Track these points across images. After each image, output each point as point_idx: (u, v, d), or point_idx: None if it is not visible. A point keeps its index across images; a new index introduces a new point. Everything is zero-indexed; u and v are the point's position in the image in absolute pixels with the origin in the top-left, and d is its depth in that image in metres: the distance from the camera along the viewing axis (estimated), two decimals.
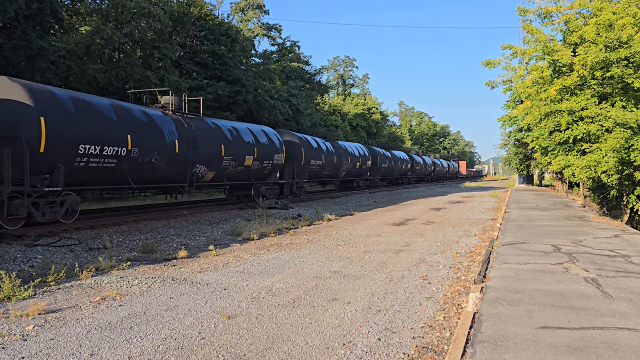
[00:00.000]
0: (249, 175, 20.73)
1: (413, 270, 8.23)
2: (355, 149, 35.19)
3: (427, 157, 66.12)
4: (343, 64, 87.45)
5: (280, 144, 23.00)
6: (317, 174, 28.49)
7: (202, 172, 17.37)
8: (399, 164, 47.22)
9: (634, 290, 6.20)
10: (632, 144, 13.54)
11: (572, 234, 11.49)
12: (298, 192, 25.48)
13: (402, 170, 49.06)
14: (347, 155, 32.72)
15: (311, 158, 26.70)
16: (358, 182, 36.57)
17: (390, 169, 43.97)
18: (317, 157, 27.53)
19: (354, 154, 34.31)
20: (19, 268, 8.49)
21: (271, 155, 21.88)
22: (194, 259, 9.46)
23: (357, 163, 34.49)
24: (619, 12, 13.89)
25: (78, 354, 4.56)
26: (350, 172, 33.82)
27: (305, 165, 25.92)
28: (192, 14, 35.10)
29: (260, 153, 20.84)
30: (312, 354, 4.56)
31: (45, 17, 21.88)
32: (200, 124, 17.70)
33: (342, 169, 31.96)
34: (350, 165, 33.17)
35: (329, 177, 31.39)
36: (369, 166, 37.34)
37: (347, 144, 34.52)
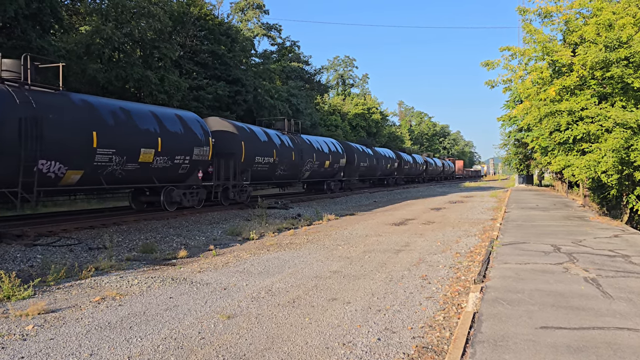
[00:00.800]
0: (151, 176, 15.41)
1: (413, 270, 8.23)
2: (324, 144, 29.63)
3: (418, 155, 62.07)
4: (343, 63, 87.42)
5: (204, 135, 17.55)
6: (266, 174, 22.68)
7: (55, 171, 12.25)
8: (383, 162, 42.05)
9: (634, 290, 6.19)
10: (631, 144, 13.54)
11: (572, 234, 11.49)
12: (238, 197, 20.30)
13: (388, 169, 44.25)
14: (311, 151, 26.82)
15: (257, 154, 21.25)
16: (329, 183, 30.83)
17: (371, 169, 38.79)
18: (265, 152, 21.97)
19: (321, 150, 28.48)
20: (19, 268, 8.48)
21: (189, 149, 16.58)
22: (194, 258, 9.46)
23: (326, 161, 28.85)
24: (619, 12, 13.88)
25: (78, 354, 4.55)
26: (317, 172, 28.28)
27: (247, 163, 20.57)
28: (192, 13, 35.07)
29: (169, 145, 15.61)
30: (312, 354, 4.55)
31: (45, 16, 21.88)
32: (55, 100, 12.54)
33: (303, 168, 26.20)
34: (317, 164, 27.52)
35: (285, 178, 25.06)
36: (343, 165, 31.97)
37: (314, 138, 28.82)
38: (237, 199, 20.12)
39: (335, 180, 31.81)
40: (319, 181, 30.34)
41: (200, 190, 17.98)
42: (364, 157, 37.05)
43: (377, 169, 40.65)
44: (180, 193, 17.05)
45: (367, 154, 37.98)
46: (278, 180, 24.65)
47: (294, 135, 26.04)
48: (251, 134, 21.37)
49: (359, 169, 35.60)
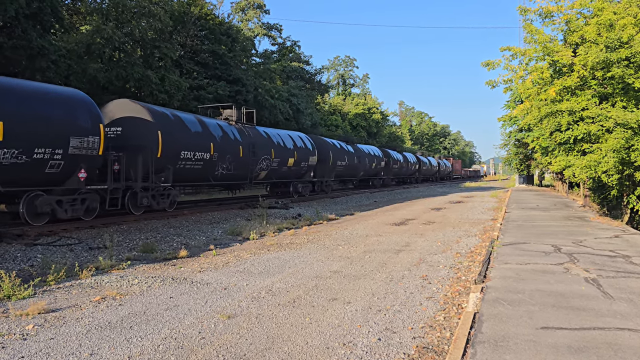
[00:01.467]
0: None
1: (413, 270, 8.22)
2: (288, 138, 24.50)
3: (409, 153, 57.04)
4: (343, 63, 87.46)
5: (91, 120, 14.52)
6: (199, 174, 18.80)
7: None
8: (367, 161, 37.10)
9: (634, 291, 6.19)
10: (632, 144, 13.53)
11: (572, 234, 11.48)
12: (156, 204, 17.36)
13: (373, 169, 39.18)
14: (269, 146, 22.06)
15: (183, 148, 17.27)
16: (295, 185, 25.57)
17: (351, 168, 33.80)
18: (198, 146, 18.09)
19: (283, 145, 23.48)
20: (19, 267, 8.49)
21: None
22: (194, 258, 9.46)
23: (289, 159, 24.13)
24: (620, 12, 13.87)
25: (78, 354, 4.55)
26: (277, 172, 23.15)
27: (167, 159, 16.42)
28: (193, 13, 35.08)
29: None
30: (312, 354, 4.55)
31: (45, 16, 21.88)
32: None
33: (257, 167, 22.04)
34: (277, 162, 22.76)
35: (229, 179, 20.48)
36: (314, 164, 27.00)
37: (274, 132, 23.95)
38: (155, 206, 15.64)
39: (304, 182, 26.47)
40: (281, 183, 25.00)
41: (88, 196, 13.11)
42: (342, 154, 32.04)
43: (358, 169, 35.58)
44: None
45: (346, 152, 32.93)
46: (219, 181, 19.51)
47: (245, 126, 21.14)
48: (175, 122, 16.48)
49: (335, 168, 30.49)
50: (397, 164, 47.20)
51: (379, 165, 40.69)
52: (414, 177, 56.54)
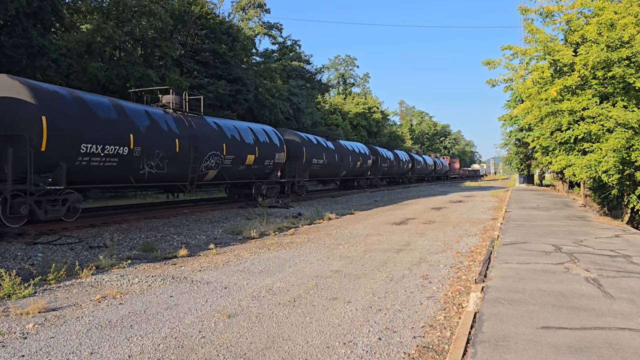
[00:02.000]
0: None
1: (414, 270, 8.22)
2: (248, 132, 20.54)
3: (402, 152, 53.08)
4: (344, 63, 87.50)
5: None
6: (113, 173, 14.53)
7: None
8: (350, 160, 33.13)
9: (635, 291, 6.18)
10: (632, 143, 13.53)
11: (573, 234, 11.48)
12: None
13: (358, 168, 35.39)
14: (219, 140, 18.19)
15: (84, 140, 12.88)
16: (259, 187, 21.63)
17: (330, 167, 29.74)
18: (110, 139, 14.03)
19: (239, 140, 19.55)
20: (19, 266, 8.48)
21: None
22: (195, 257, 9.46)
23: (248, 155, 20.10)
24: (621, 12, 13.86)
25: (78, 353, 4.55)
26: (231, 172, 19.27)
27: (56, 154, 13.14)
28: (193, 12, 35.07)
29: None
30: (313, 353, 4.55)
31: (46, 15, 21.88)
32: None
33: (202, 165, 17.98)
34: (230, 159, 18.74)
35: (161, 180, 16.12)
36: (282, 161, 22.88)
37: (229, 123, 20.12)
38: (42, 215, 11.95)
39: (270, 183, 22.46)
40: (240, 184, 21.29)
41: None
42: (319, 151, 27.73)
43: (340, 168, 31.42)
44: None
45: (324, 148, 28.65)
46: (146, 182, 15.39)
47: (187, 115, 17.18)
48: (72, 105, 12.48)
49: (309, 167, 26.47)
50: (387, 162, 43.59)
51: (365, 163, 36.73)
52: (407, 177, 53.40)
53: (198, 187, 18.75)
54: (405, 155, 52.06)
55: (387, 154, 44.63)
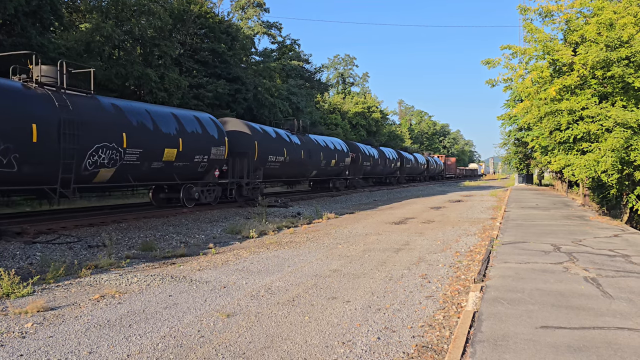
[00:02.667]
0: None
1: (413, 269, 8.22)
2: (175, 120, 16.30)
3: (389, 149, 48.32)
4: (343, 62, 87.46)
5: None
6: None
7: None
8: (321, 157, 28.15)
9: (634, 290, 6.19)
10: (631, 143, 13.53)
11: (572, 234, 11.48)
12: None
13: (332, 168, 30.20)
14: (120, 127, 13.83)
15: None
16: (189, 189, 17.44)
17: (296, 165, 25.10)
18: None
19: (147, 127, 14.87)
20: (18, 265, 8.47)
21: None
22: (194, 257, 9.45)
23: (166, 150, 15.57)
24: (620, 12, 13.86)
25: (77, 352, 4.54)
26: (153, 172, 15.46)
27: None
28: (192, 11, 35.03)
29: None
30: (312, 353, 4.54)
31: (45, 14, 21.86)
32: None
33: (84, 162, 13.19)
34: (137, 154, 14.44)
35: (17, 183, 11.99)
36: (221, 158, 18.48)
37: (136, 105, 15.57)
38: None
39: (205, 185, 18.32)
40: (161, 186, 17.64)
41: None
42: (279, 146, 23.18)
43: (307, 167, 26.74)
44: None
45: (286, 143, 24.06)
46: None
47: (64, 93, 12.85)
48: None
49: (265, 165, 21.84)
50: (370, 160, 39.10)
51: (341, 162, 31.88)
52: (394, 177, 48.43)
53: (82, 191, 14.57)
54: (392, 152, 47.20)
55: (371, 151, 40.24)
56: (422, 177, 62.75)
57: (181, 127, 16.38)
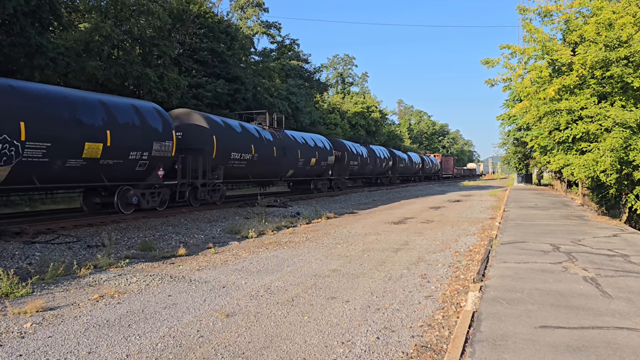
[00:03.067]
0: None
1: (412, 269, 8.22)
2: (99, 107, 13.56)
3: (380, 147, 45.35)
4: (342, 62, 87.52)
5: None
6: None
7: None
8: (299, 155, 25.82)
9: (633, 290, 6.19)
10: (630, 143, 13.54)
11: (571, 233, 11.49)
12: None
13: (312, 167, 27.92)
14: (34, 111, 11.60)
15: None
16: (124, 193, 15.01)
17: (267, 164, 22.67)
18: None
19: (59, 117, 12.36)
20: (17, 265, 8.47)
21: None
22: (193, 257, 9.45)
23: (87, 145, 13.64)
24: (619, 12, 13.87)
25: (76, 352, 4.54)
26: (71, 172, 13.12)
27: None
28: (192, 11, 35.01)
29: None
30: (311, 353, 4.54)
31: (44, 14, 21.81)
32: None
33: None
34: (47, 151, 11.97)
35: None
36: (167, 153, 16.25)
37: None
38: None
39: (147, 187, 15.74)
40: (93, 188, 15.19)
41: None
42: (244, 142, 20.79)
43: (282, 166, 24.37)
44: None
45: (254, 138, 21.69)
46: None
47: None
48: None
49: (226, 164, 19.56)
50: (358, 159, 36.40)
51: (324, 160, 29.28)
52: (386, 177, 45.98)
53: None
54: (384, 151, 44.25)
55: (359, 149, 37.26)
56: (416, 177, 59.92)
57: (110, 117, 13.67)
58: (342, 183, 34.37)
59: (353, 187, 38.71)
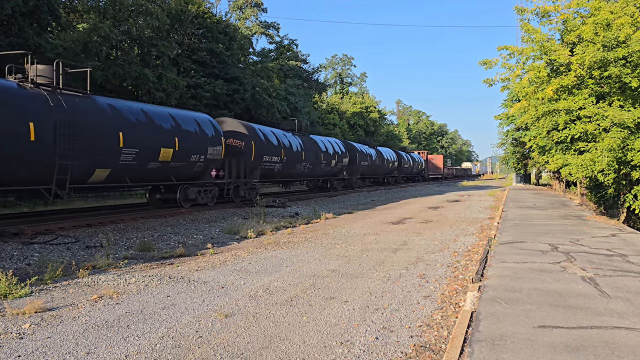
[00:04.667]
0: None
1: (411, 269, 8.22)
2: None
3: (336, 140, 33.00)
4: (341, 62, 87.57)
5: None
6: None
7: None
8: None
9: (631, 290, 6.20)
10: (627, 143, 13.56)
11: (569, 233, 11.51)
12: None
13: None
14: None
15: None
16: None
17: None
18: None
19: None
20: (16, 266, 8.45)
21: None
22: (192, 257, 9.44)
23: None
24: (617, 12, 13.89)
25: (75, 353, 4.54)
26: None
27: None
28: (190, 11, 35.00)
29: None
30: (310, 353, 4.55)
31: (42, 14, 21.81)
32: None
33: None
34: None
35: None
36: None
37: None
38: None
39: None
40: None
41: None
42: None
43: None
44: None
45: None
46: None
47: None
48: None
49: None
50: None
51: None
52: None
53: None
54: (338, 145, 32.70)
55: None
56: (390, 179, 47.11)
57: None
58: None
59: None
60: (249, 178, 20.89)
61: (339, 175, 32.84)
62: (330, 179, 31.73)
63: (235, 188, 20.11)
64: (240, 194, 20.49)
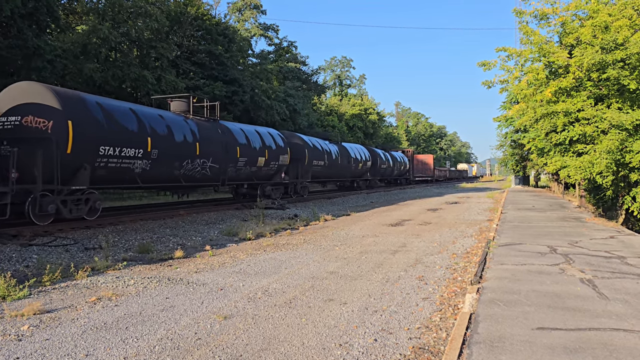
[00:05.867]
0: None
1: (409, 271, 8.23)
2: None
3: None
4: (340, 64, 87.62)
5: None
6: None
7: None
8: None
9: (629, 292, 6.21)
10: (626, 145, 13.59)
11: (568, 235, 11.52)
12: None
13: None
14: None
15: None
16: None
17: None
18: None
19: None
20: (14, 268, 8.44)
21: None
22: (190, 259, 9.44)
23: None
24: (615, 14, 13.94)
25: (73, 354, 4.53)
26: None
27: None
28: (189, 13, 35.04)
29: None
30: (309, 355, 4.55)
31: (41, 16, 21.81)
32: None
33: None
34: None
35: None
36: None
37: None
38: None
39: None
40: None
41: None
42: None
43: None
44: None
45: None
46: None
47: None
48: None
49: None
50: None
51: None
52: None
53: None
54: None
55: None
56: (361, 183, 38.16)
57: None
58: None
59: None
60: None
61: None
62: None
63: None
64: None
